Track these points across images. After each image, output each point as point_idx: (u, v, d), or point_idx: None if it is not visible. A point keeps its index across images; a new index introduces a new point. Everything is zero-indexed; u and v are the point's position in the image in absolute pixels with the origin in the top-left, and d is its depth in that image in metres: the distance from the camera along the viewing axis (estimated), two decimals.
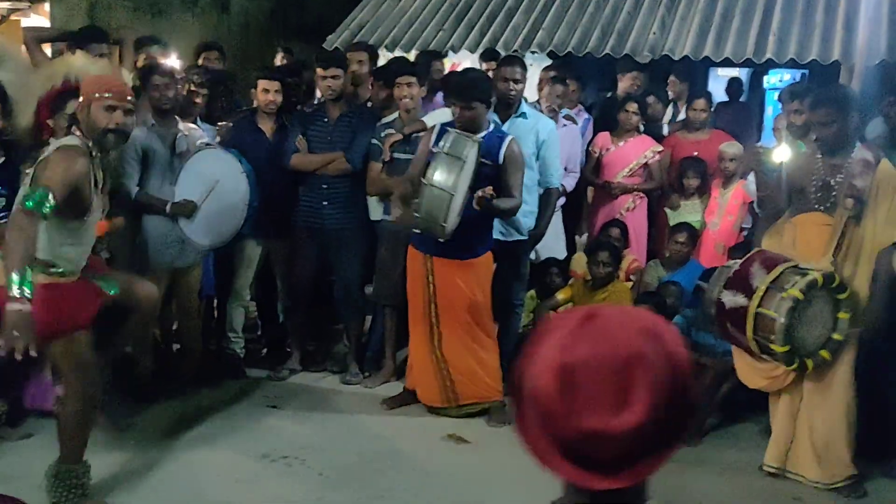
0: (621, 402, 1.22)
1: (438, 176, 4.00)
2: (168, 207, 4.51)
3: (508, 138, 4.38)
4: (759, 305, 3.66)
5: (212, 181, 4.61)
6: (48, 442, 3.66)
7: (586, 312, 1.30)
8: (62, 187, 3.18)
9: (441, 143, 4.12)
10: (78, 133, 3.36)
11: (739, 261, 3.83)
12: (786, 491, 3.95)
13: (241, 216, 4.73)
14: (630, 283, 5.35)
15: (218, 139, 4.87)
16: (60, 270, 3.35)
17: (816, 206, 3.90)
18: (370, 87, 5.31)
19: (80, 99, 3.39)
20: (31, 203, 3.11)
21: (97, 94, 3.34)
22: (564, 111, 5.72)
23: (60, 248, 3.34)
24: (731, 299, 3.73)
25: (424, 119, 4.92)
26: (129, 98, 3.43)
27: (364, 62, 5.45)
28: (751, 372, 4.00)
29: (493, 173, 4.30)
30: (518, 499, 3.80)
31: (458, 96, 4.31)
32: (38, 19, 8.76)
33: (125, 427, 4.33)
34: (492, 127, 4.41)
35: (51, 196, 3.13)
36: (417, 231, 4.30)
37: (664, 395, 1.24)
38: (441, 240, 4.19)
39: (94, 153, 3.38)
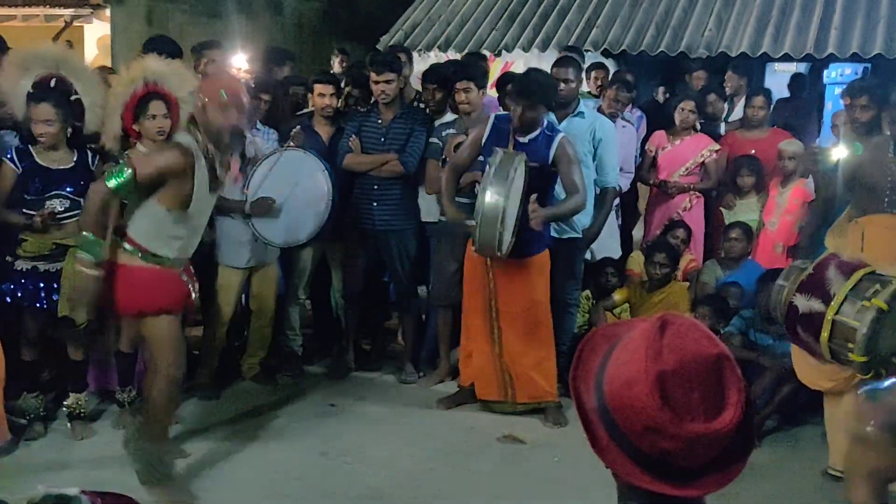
0: (720, 403, 1.25)
1: (489, 200, 4.00)
2: (247, 207, 4.61)
3: (559, 137, 4.36)
4: (836, 313, 3.58)
5: (291, 181, 4.70)
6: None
7: (660, 320, 1.31)
8: (146, 169, 3.38)
9: (489, 167, 4.11)
10: (196, 132, 3.49)
11: (811, 263, 3.76)
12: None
13: (322, 216, 4.77)
14: (687, 284, 5.30)
15: (291, 144, 4.95)
16: (160, 258, 3.51)
17: (888, 209, 3.80)
18: (421, 90, 5.35)
19: (199, 99, 3.50)
20: (109, 175, 3.36)
21: (213, 95, 3.46)
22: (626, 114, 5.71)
23: (163, 237, 3.50)
24: (806, 304, 3.64)
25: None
26: (243, 98, 3.57)
27: (405, 62, 5.52)
28: (814, 373, 3.93)
29: (544, 174, 4.30)
30: (574, 500, 3.81)
31: (522, 97, 4.30)
32: (100, 25, 8.99)
33: (179, 419, 4.45)
34: (545, 123, 4.40)
35: (128, 171, 3.33)
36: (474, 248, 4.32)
37: (747, 396, 1.28)
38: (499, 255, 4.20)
39: (209, 153, 3.50)
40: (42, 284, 4.06)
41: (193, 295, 3.72)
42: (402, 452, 4.21)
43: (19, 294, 4.06)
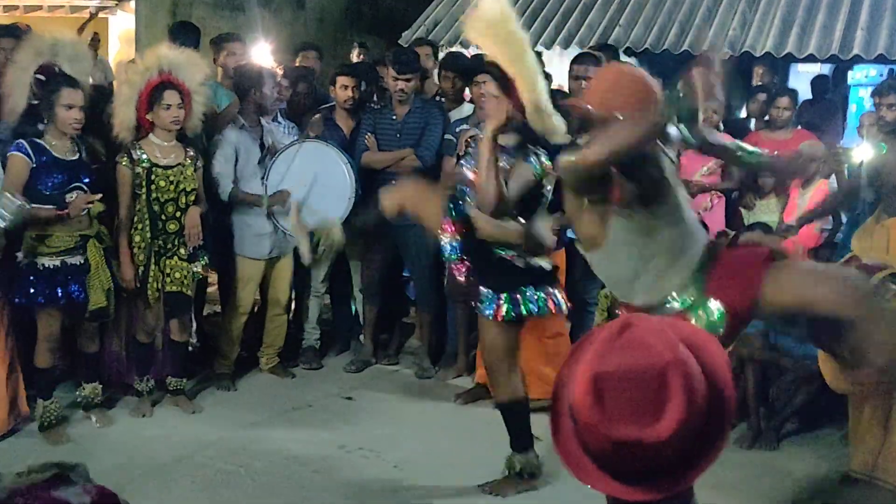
0: (655, 412, 1.22)
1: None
2: (264, 200, 4.63)
3: None
4: None
5: (311, 173, 4.72)
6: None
7: (623, 322, 1.31)
8: None
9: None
10: None
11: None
12: (874, 499, 3.86)
13: (346, 205, 4.78)
14: None
15: (311, 133, 4.97)
16: None
17: None
18: (438, 80, 5.35)
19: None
20: None
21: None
22: None
23: None
24: None
25: None
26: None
27: (428, 55, 5.52)
28: (840, 377, 3.91)
29: None
30: (590, 496, 3.81)
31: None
32: (125, 16, 9.06)
33: (199, 410, 4.52)
34: None
35: None
36: None
37: (699, 407, 1.24)
38: None
39: None
40: (70, 278, 3.99)
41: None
42: (419, 447, 4.22)
43: (48, 293, 3.94)
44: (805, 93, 7.37)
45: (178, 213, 4.28)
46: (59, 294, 3.97)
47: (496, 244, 3.65)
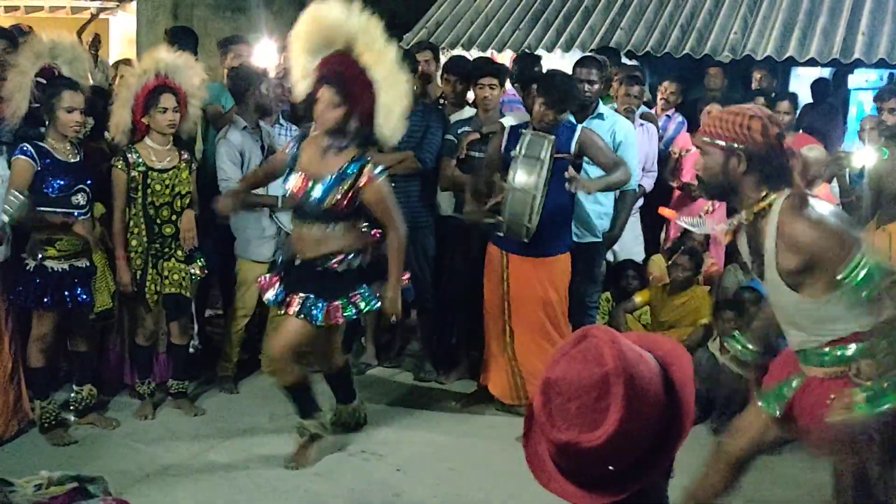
0: (595, 419, 1.27)
1: (520, 178, 4.05)
2: (279, 202, 4.61)
3: (579, 128, 4.41)
4: None
5: None
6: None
7: (581, 333, 1.38)
8: None
9: (518, 147, 4.15)
10: None
11: None
12: None
13: None
14: (708, 288, 5.28)
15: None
16: None
17: None
18: (440, 83, 5.35)
19: None
20: None
21: None
22: (642, 110, 5.67)
23: None
24: None
25: (502, 121, 4.93)
26: None
27: (430, 60, 5.53)
28: None
29: (569, 163, 4.31)
30: None
31: (556, 101, 4.28)
32: (126, 17, 9.06)
33: (201, 412, 4.52)
34: (564, 120, 4.42)
35: None
36: (499, 233, 4.33)
37: (643, 418, 1.29)
38: (525, 240, 4.22)
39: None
40: (76, 281, 4.01)
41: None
42: (421, 451, 4.22)
43: (56, 297, 3.94)
44: (805, 96, 7.38)
45: (173, 217, 4.28)
46: (67, 298, 3.98)
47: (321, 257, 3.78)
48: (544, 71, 5.06)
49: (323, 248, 3.78)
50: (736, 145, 2.56)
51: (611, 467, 1.29)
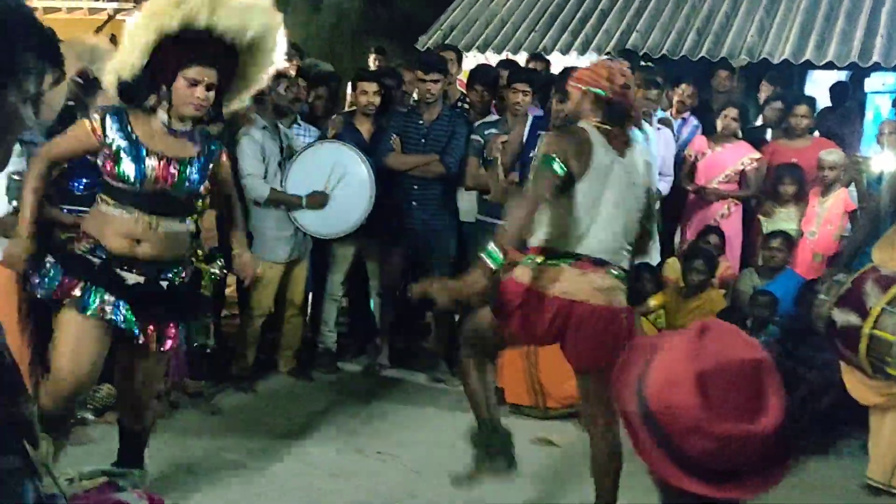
0: (759, 406, 1.26)
1: None
2: (303, 201, 4.65)
3: None
4: (873, 326, 3.53)
5: (336, 173, 4.75)
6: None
7: (700, 325, 1.34)
8: None
9: (537, 149, 4.15)
10: None
11: (851, 276, 3.72)
12: None
13: (366, 205, 4.82)
14: (723, 291, 5.27)
15: (332, 132, 5.00)
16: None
17: None
18: (460, 88, 5.37)
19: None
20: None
21: None
22: (660, 114, 5.66)
23: None
24: (843, 318, 3.60)
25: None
26: None
27: (453, 62, 5.53)
28: (863, 389, 3.90)
29: None
30: None
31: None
32: None
33: (216, 411, 4.53)
34: None
35: None
36: None
37: (786, 401, 1.29)
38: None
39: None
40: None
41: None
42: (435, 452, 4.22)
43: None
44: (821, 100, 7.35)
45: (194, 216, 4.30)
46: None
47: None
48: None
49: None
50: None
51: (768, 456, 1.28)
